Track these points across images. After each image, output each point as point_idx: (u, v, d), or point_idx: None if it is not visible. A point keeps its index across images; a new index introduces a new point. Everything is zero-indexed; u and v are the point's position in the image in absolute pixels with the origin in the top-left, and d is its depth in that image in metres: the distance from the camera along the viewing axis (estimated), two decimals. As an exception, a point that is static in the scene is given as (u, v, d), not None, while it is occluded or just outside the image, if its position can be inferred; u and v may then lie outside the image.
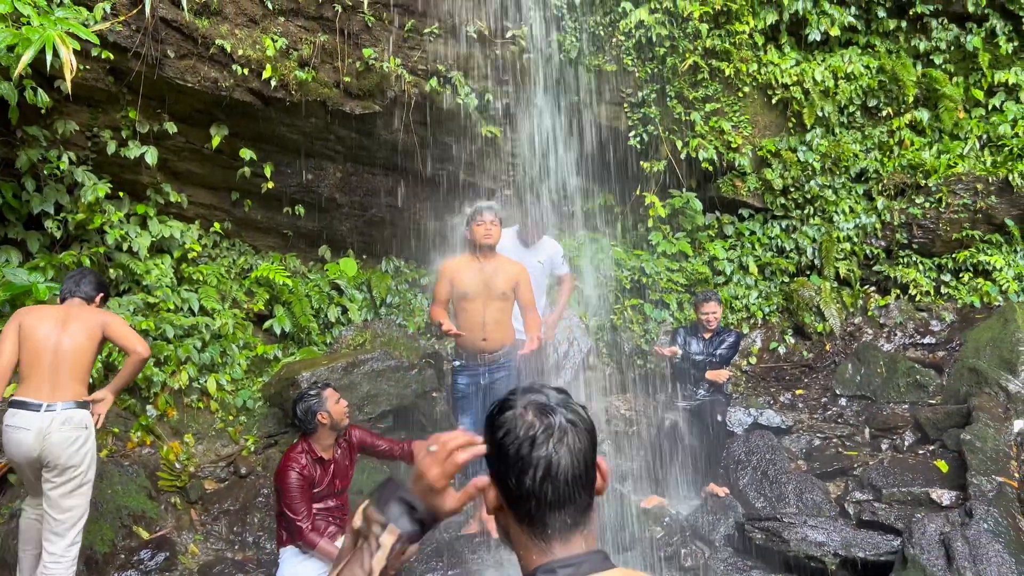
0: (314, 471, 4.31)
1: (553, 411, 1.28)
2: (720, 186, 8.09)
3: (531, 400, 1.31)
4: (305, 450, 4.31)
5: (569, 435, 1.27)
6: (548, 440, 1.25)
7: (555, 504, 1.25)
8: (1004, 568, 4.08)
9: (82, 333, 4.31)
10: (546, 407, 1.29)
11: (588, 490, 1.28)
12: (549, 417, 1.27)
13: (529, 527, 1.27)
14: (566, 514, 1.26)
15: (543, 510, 1.25)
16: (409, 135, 7.15)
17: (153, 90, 6.18)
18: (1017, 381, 5.85)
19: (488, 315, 5.10)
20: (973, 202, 7.72)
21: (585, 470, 1.27)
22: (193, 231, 6.94)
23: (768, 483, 5.70)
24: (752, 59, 7.89)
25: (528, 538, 1.27)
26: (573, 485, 1.25)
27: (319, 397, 4.31)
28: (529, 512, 1.26)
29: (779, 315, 8.00)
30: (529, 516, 1.26)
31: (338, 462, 4.44)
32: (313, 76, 6.54)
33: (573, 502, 1.26)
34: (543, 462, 1.24)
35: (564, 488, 1.25)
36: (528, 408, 1.29)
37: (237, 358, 6.73)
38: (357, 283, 7.89)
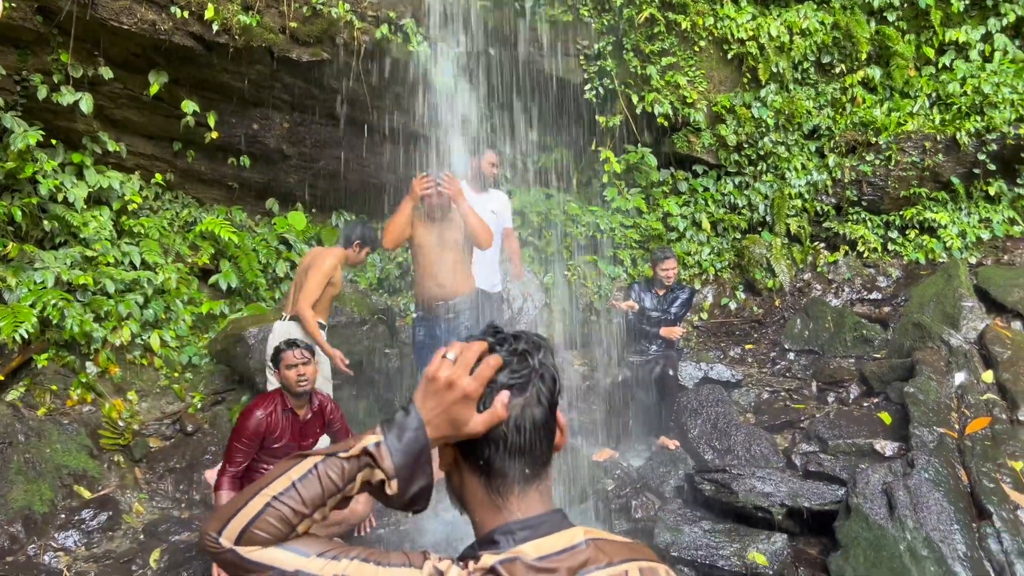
0: (279, 420, 4.26)
1: (526, 353, 1.19)
2: (675, 141, 8.05)
3: (501, 339, 1.21)
4: (279, 399, 4.28)
5: (537, 379, 1.18)
6: (512, 373, 1.16)
7: (516, 451, 1.17)
8: (943, 516, 4.19)
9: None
10: (517, 348, 1.19)
11: (548, 441, 1.21)
12: (520, 358, 1.18)
13: (487, 479, 1.18)
14: (526, 463, 1.18)
15: (503, 456, 1.16)
16: (359, 85, 6.94)
17: (87, 32, 5.86)
18: (958, 335, 5.99)
19: (443, 265, 5.04)
20: (921, 160, 7.82)
21: (549, 417, 1.20)
22: (133, 182, 6.67)
23: (718, 436, 5.77)
24: (708, 12, 7.81)
25: (484, 493, 1.19)
26: (535, 432, 1.17)
27: (278, 354, 4.27)
28: (488, 460, 1.17)
29: (730, 271, 8.05)
30: (488, 465, 1.17)
31: (307, 423, 4.37)
32: (258, 21, 6.28)
33: (533, 451, 1.18)
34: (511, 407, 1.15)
35: (529, 434, 1.17)
36: (498, 347, 1.19)
37: (182, 314, 6.54)
38: (306, 237, 7.71)
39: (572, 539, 1.15)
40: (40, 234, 6.10)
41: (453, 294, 5.10)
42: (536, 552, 1.12)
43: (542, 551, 1.12)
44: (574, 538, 1.15)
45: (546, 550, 1.13)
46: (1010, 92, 7.72)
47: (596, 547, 1.14)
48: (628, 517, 5.21)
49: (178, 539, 4.83)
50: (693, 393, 6.18)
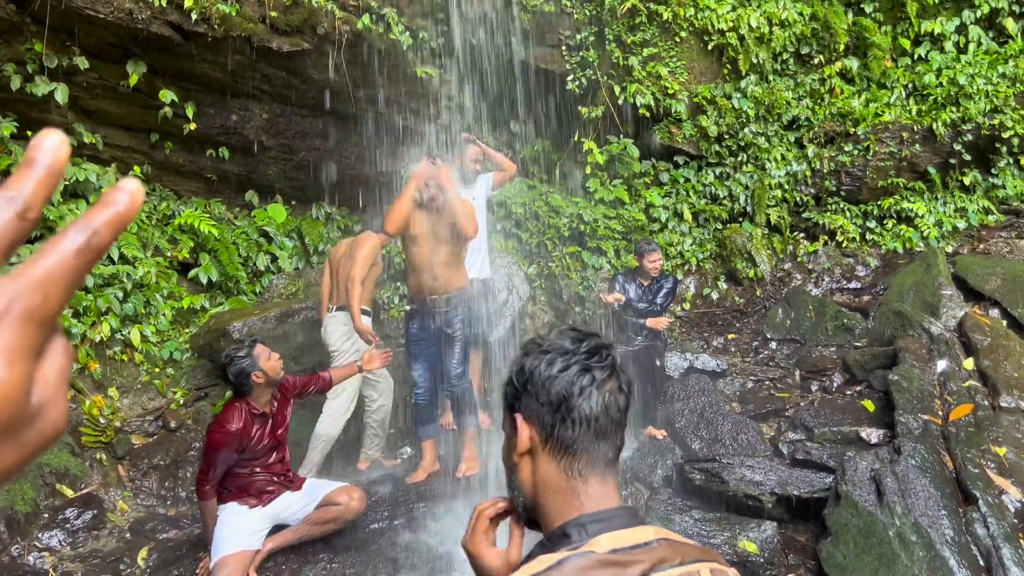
0: (252, 427, 4.13)
1: (609, 346, 1.28)
2: (656, 133, 8.07)
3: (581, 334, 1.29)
4: (244, 408, 4.11)
5: (615, 364, 1.27)
6: (598, 363, 1.24)
7: (603, 433, 1.23)
8: (931, 501, 4.26)
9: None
10: (600, 342, 1.28)
11: (623, 429, 1.27)
12: (606, 348, 1.27)
13: (570, 460, 1.22)
14: (609, 447, 1.24)
15: (591, 438, 1.22)
16: (340, 75, 6.85)
17: (62, 21, 5.72)
18: (939, 323, 6.08)
19: (437, 258, 5.01)
20: (898, 150, 7.92)
21: (628, 407, 1.27)
22: (110, 174, 6.54)
23: (705, 425, 5.81)
24: (689, 3, 7.83)
25: (564, 477, 1.22)
26: (621, 418, 1.25)
27: (251, 356, 4.07)
28: (576, 441, 1.22)
29: (712, 261, 8.11)
30: (571, 448, 1.22)
31: (276, 414, 4.29)
32: (237, 10, 6.17)
33: (615, 437, 1.25)
34: (591, 382, 1.22)
35: (616, 418, 1.24)
36: (572, 337, 1.28)
37: (162, 308, 6.43)
38: (287, 230, 7.62)
39: (644, 536, 1.17)
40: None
41: (447, 288, 5.05)
42: (610, 545, 1.14)
43: (615, 544, 1.14)
44: (646, 535, 1.17)
45: (619, 544, 1.14)
46: (984, 83, 7.84)
47: (669, 546, 1.16)
48: (618, 507, 5.22)
49: (166, 537, 4.77)
50: (679, 383, 6.21)
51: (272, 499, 4.23)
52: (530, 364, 1.25)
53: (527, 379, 1.25)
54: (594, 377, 1.23)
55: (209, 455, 4.03)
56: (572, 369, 1.23)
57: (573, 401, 1.21)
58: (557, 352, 1.25)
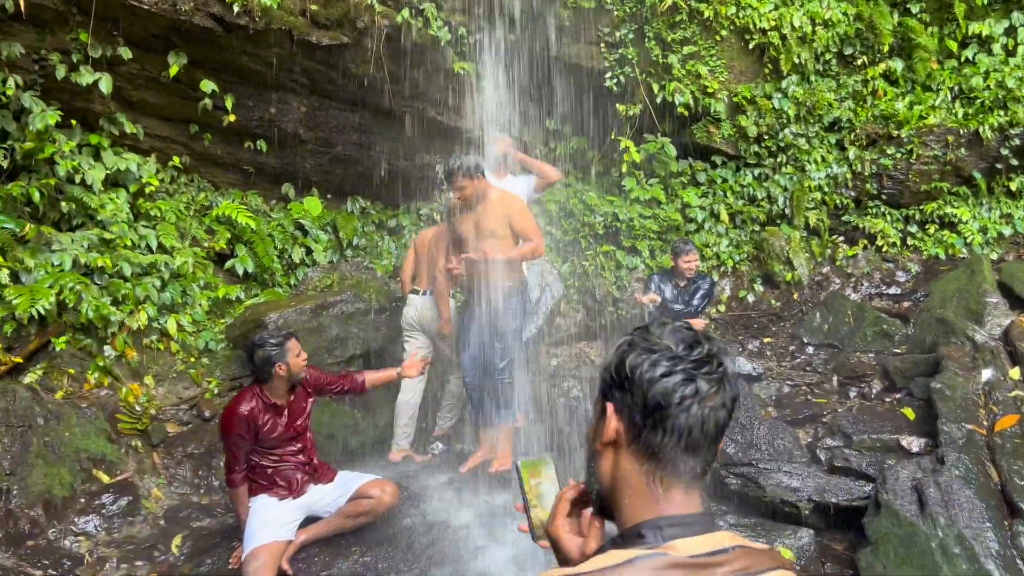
0: (264, 417, 4.11)
1: (721, 355, 1.20)
2: (695, 132, 7.98)
3: (676, 331, 1.21)
4: (257, 395, 4.11)
5: (728, 384, 1.19)
6: (705, 376, 1.16)
7: (694, 447, 1.17)
8: (975, 513, 4.15)
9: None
10: (712, 349, 1.19)
11: (717, 445, 1.20)
12: (709, 355, 1.19)
13: (653, 467, 1.17)
14: (698, 461, 1.18)
15: (680, 450, 1.16)
16: (378, 69, 6.86)
17: (106, 11, 5.78)
18: (983, 332, 5.94)
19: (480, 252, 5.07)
20: (943, 154, 7.75)
21: (727, 422, 1.19)
22: (150, 164, 6.60)
23: (740, 429, 5.72)
24: (731, 2, 7.72)
25: (645, 481, 1.17)
26: (716, 434, 1.18)
27: (281, 348, 4.07)
28: (663, 450, 1.16)
29: (749, 263, 8.00)
30: (657, 455, 1.17)
31: (292, 405, 4.26)
32: (278, 3, 6.19)
33: (708, 451, 1.19)
34: (694, 395, 1.15)
35: (711, 434, 1.17)
36: (674, 338, 1.20)
37: (198, 298, 6.48)
38: (322, 223, 7.65)
39: (721, 542, 1.13)
40: (57, 216, 6.03)
41: (488, 283, 5.08)
42: (688, 550, 1.10)
43: (693, 550, 1.10)
44: (723, 542, 1.13)
45: (697, 549, 1.10)
46: (1034, 87, 7.64)
47: (744, 553, 1.13)
48: (650, 510, 5.16)
49: (199, 525, 4.80)
50: (714, 386, 6.13)
51: (303, 491, 4.23)
52: (633, 360, 1.18)
53: (627, 375, 1.19)
54: (698, 389, 1.15)
55: (224, 441, 4.08)
56: (676, 376, 1.15)
57: (669, 411, 1.15)
58: (664, 354, 1.17)
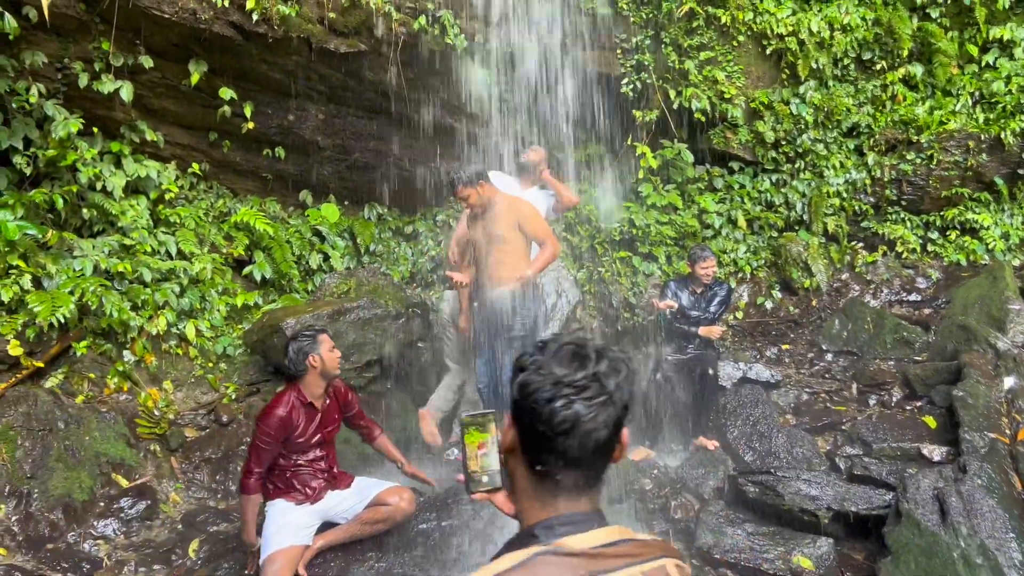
0: (300, 416, 4.16)
1: (604, 376, 1.23)
2: (712, 138, 7.95)
3: (573, 352, 1.25)
4: (295, 395, 4.16)
5: (609, 406, 1.22)
6: (585, 400, 1.21)
7: (574, 464, 1.22)
8: (998, 523, 4.09)
9: None
10: (597, 371, 1.22)
11: (607, 458, 1.26)
12: (593, 377, 1.22)
13: (540, 478, 1.24)
14: (581, 475, 1.24)
15: (560, 466, 1.22)
16: (395, 76, 6.89)
17: (128, 20, 5.85)
18: (1006, 339, 5.86)
19: (490, 258, 5.13)
20: (964, 159, 7.67)
21: (613, 439, 1.24)
22: (170, 171, 6.66)
23: (758, 437, 5.68)
24: (748, 7, 7.70)
25: (534, 490, 1.25)
26: (596, 452, 1.22)
27: (314, 340, 4.16)
28: (546, 466, 1.23)
29: (766, 270, 7.95)
30: (543, 470, 1.23)
31: (326, 412, 4.30)
32: (297, 11, 6.24)
33: (591, 466, 1.24)
34: (573, 420, 1.20)
35: (590, 453, 1.22)
36: (566, 359, 1.24)
37: (216, 304, 6.53)
38: (339, 230, 7.68)
39: (611, 536, 1.22)
40: (79, 222, 6.10)
41: (498, 285, 5.10)
42: (579, 545, 1.19)
43: (584, 544, 1.19)
44: (612, 536, 1.22)
45: (588, 543, 1.19)
46: (1057, 91, 7.56)
47: (635, 545, 1.23)
48: (667, 517, 5.14)
49: (216, 530, 4.82)
50: (732, 393, 6.10)
51: (320, 496, 4.25)
52: (523, 380, 1.24)
53: (517, 395, 1.25)
54: (577, 414, 1.19)
55: (255, 442, 4.07)
56: (557, 402, 1.20)
57: (550, 434, 1.20)
58: (548, 379, 1.22)
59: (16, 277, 5.35)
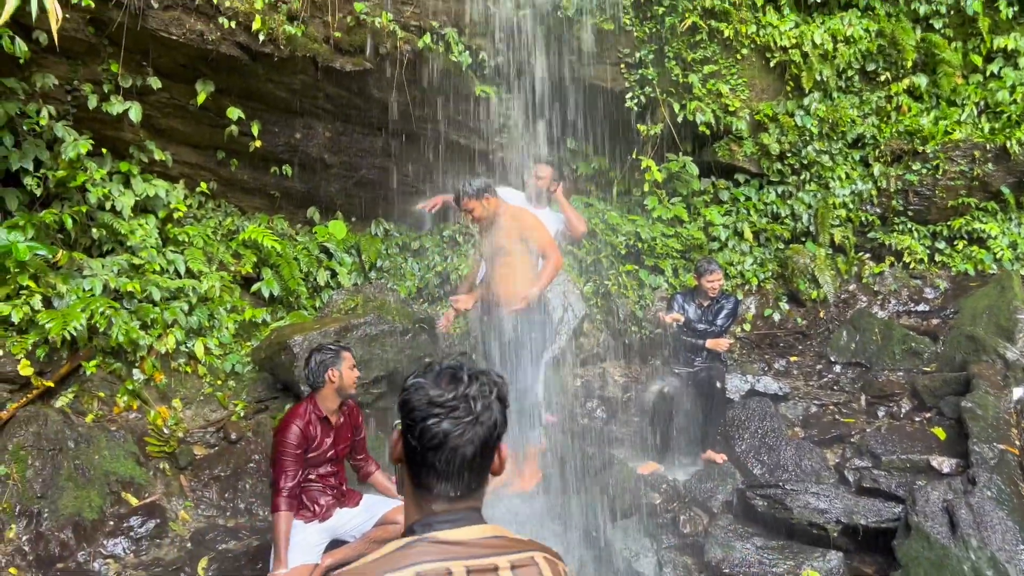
0: (316, 430, 4.24)
1: (471, 400, 1.36)
2: (716, 150, 7.97)
3: (451, 374, 1.39)
4: (311, 408, 4.25)
5: (475, 425, 1.36)
6: (453, 419, 1.34)
7: (444, 477, 1.36)
8: (1008, 535, 4.07)
9: None
10: (467, 393, 1.36)
11: (480, 472, 1.39)
12: (463, 398, 1.36)
13: (418, 486, 1.38)
14: (451, 486, 1.36)
15: (432, 478, 1.36)
16: (401, 94, 6.94)
17: (136, 43, 5.92)
18: (1015, 349, 5.84)
19: (495, 271, 5.17)
20: (970, 169, 7.67)
21: (480, 455, 1.37)
22: (178, 191, 6.72)
23: (766, 450, 5.67)
24: (751, 20, 7.73)
25: (415, 495, 1.39)
26: (463, 466, 1.36)
27: (337, 355, 4.27)
28: (419, 477, 1.37)
29: (773, 281, 7.94)
30: (419, 477, 1.37)
31: (340, 428, 4.37)
32: (302, 30, 6.31)
33: (462, 479, 1.36)
34: (442, 437, 1.34)
35: (457, 467, 1.36)
36: (443, 381, 1.38)
37: (225, 322, 6.56)
38: (346, 246, 7.72)
39: (484, 532, 1.34)
40: (88, 242, 6.16)
41: (501, 298, 5.13)
42: (451, 536, 1.32)
43: (456, 536, 1.32)
44: (485, 532, 1.35)
45: (460, 536, 1.32)
46: (1062, 100, 7.55)
47: (508, 540, 1.35)
48: (676, 532, 5.13)
49: (225, 548, 4.84)
50: (740, 406, 6.08)
51: (329, 513, 4.28)
52: (405, 397, 1.39)
53: (400, 410, 1.40)
54: (446, 431, 1.33)
55: (279, 457, 4.10)
56: (429, 421, 1.34)
57: (420, 448, 1.35)
58: (424, 399, 1.36)
59: (27, 297, 5.40)
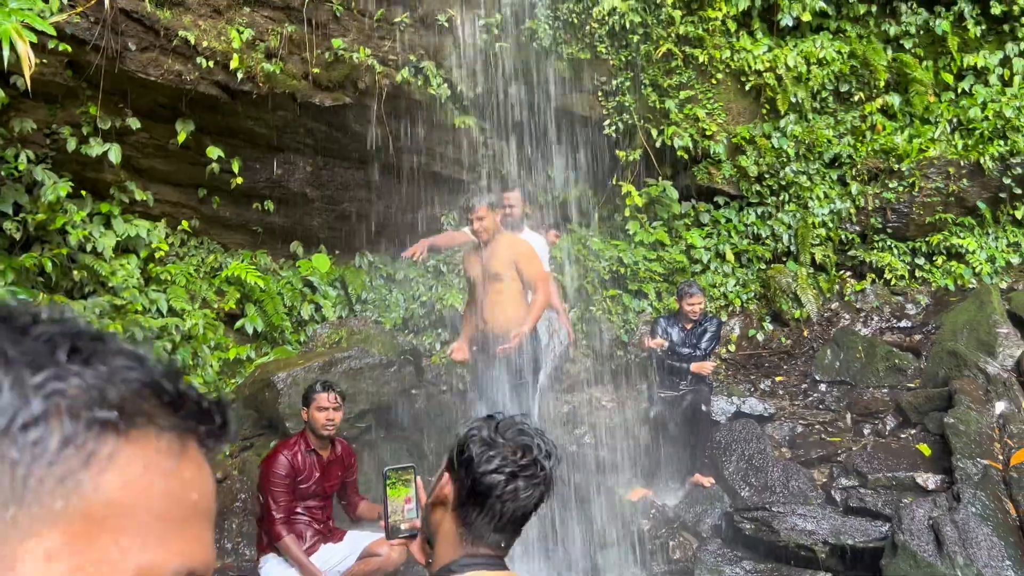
0: (304, 462, 4.26)
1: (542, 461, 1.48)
2: (696, 174, 8.05)
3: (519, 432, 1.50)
4: (301, 441, 4.30)
5: (543, 485, 1.49)
6: (526, 477, 1.46)
7: (499, 529, 1.47)
8: (994, 551, 4.08)
9: None
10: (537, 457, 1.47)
11: (518, 532, 1.52)
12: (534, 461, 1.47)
13: (466, 531, 1.47)
14: (503, 538, 1.49)
15: (488, 526, 1.46)
16: (381, 127, 7.00)
17: (114, 84, 5.96)
18: (996, 363, 5.88)
19: (487, 297, 5.11)
20: (945, 185, 7.77)
21: (533, 511, 1.51)
22: (160, 230, 6.73)
23: (753, 472, 5.67)
24: (725, 45, 7.85)
25: (458, 540, 1.47)
26: (522, 520, 1.50)
27: (310, 395, 4.29)
28: (474, 523, 1.46)
29: (756, 302, 7.98)
30: (471, 526, 1.46)
31: (330, 464, 4.38)
32: (281, 68, 6.37)
33: (515, 532, 1.50)
34: (513, 492, 1.44)
35: (518, 520, 1.48)
36: (514, 440, 1.48)
37: (209, 360, 6.55)
38: (330, 280, 7.72)
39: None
40: (70, 284, 6.15)
41: (498, 330, 5.05)
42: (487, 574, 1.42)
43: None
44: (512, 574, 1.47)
45: None
46: (1033, 115, 7.68)
47: None
48: (666, 558, 5.11)
49: (211, 590, 4.78)
50: (726, 428, 6.09)
51: (314, 548, 4.26)
52: (475, 449, 1.46)
53: (467, 459, 1.47)
54: (516, 487, 1.44)
55: (267, 487, 4.13)
56: (503, 474, 1.44)
57: (490, 498, 1.44)
58: (499, 452, 1.46)
59: (7, 342, 5.37)
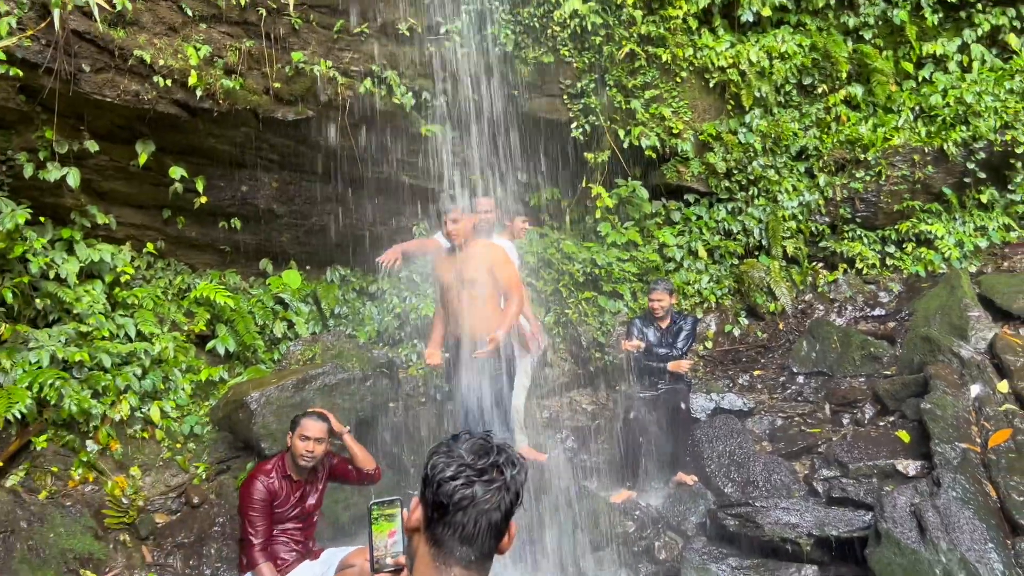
0: (281, 487, 4.29)
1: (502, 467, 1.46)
2: (664, 172, 8.06)
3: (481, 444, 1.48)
4: (278, 465, 4.31)
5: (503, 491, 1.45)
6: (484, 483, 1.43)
7: (467, 539, 1.43)
8: (976, 534, 4.08)
9: None
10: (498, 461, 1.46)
11: (496, 540, 1.47)
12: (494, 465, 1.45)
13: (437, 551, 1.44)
14: (471, 551, 1.44)
15: (454, 540, 1.43)
16: (346, 139, 6.93)
17: (70, 107, 5.83)
18: (968, 346, 5.92)
19: (461, 303, 5.08)
20: (911, 173, 7.83)
21: (502, 523, 1.46)
22: (124, 253, 6.59)
23: (736, 467, 5.66)
24: (687, 43, 7.87)
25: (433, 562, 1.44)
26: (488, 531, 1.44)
27: (296, 421, 4.34)
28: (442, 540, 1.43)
29: (731, 298, 8.00)
30: (440, 543, 1.44)
31: (307, 485, 4.36)
32: (241, 84, 6.28)
33: (481, 545, 1.44)
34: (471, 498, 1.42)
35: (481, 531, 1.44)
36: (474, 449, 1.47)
37: (180, 383, 6.41)
38: (302, 296, 7.62)
39: None
40: (33, 313, 6.01)
41: (470, 333, 5.05)
42: None
43: None
44: None
45: None
46: (992, 100, 7.78)
47: None
48: (652, 559, 5.08)
49: (191, 618, 4.68)
50: (706, 425, 6.08)
51: (291, 567, 4.24)
52: (434, 460, 1.46)
53: (428, 472, 1.46)
54: (475, 494, 1.42)
55: (245, 512, 4.16)
56: (459, 480, 1.42)
57: (450, 509, 1.42)
58: (456, 461, 1.44)
59: (-31, 375, 5.24)
